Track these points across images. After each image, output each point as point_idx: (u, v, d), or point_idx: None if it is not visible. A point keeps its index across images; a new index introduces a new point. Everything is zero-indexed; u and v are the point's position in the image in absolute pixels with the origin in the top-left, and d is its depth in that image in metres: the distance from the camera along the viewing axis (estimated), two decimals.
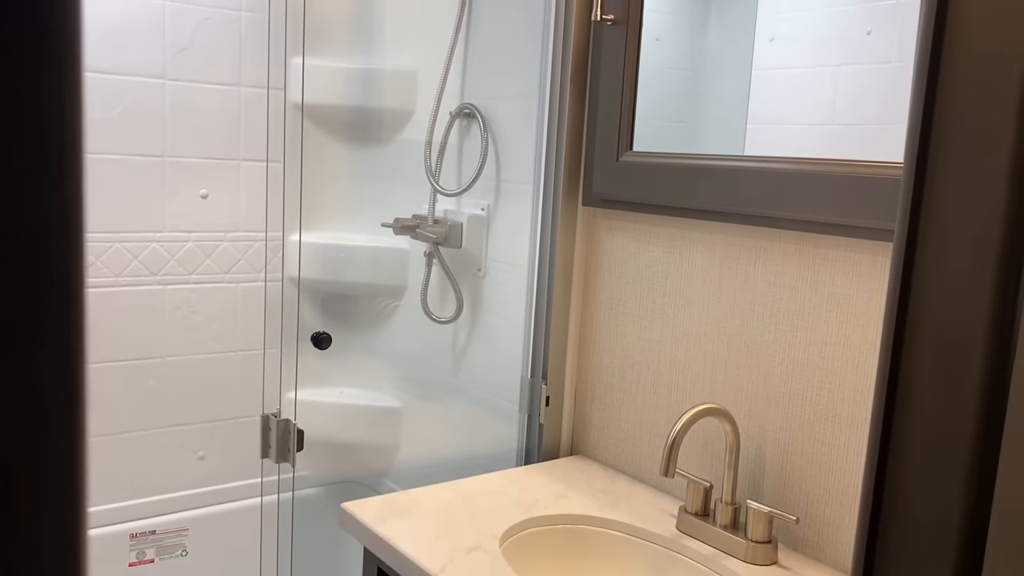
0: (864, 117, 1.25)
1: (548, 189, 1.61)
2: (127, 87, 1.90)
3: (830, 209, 1.15)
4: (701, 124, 1.46)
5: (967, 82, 0.53)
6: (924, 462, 0.52)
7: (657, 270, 1.46)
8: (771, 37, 1.38)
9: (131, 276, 1.97)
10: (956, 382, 0.53)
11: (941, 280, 0.54)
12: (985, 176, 0.51)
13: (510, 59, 1.79)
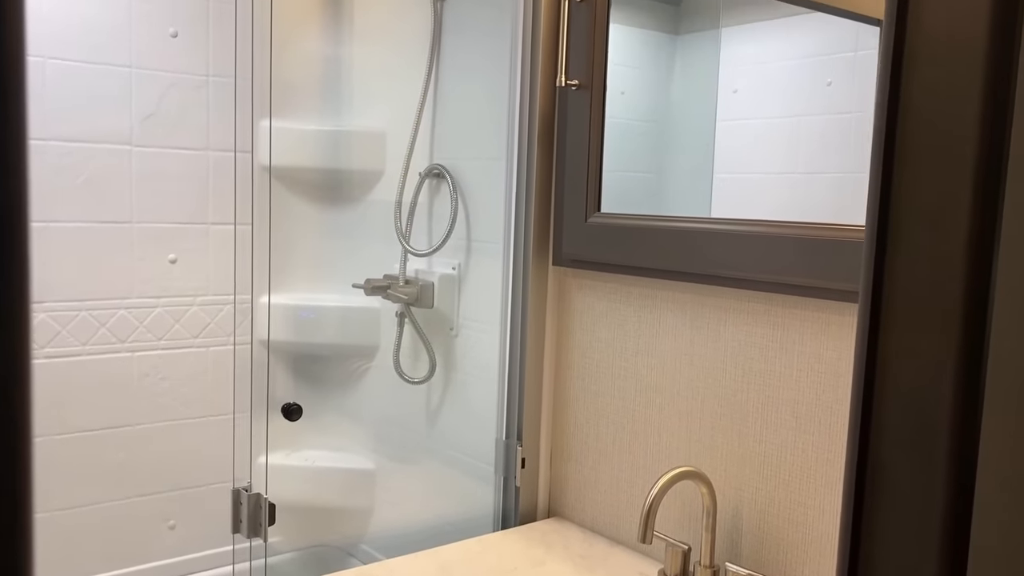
0: (827, 166, 1.27)
1: (518, 249, 1.61)
2: (93, 154, 1.90)
3: (796, 271, 1.16)
4: (668, 175, 1.48)
5: (923, 158, 0.54)
6: (896, 532, 0.52)
7: (629, 329, 1.47)
8: (734, 89, 1.41)
9: (98, 344, 1.94)
10: (925, 453, 0.53)
11: (907, 351, 0.55)
12: (944, 246, 0.52)
13: (478, 121, 1.80)
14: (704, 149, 1.43)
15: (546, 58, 1.54)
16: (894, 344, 0.55)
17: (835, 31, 1.27)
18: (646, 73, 1.52)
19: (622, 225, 1.42)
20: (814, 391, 1.19)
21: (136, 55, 1.93)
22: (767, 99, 1.34)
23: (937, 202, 0.53)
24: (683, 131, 1.47)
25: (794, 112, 1.31)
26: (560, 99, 1.53)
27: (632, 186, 1.50)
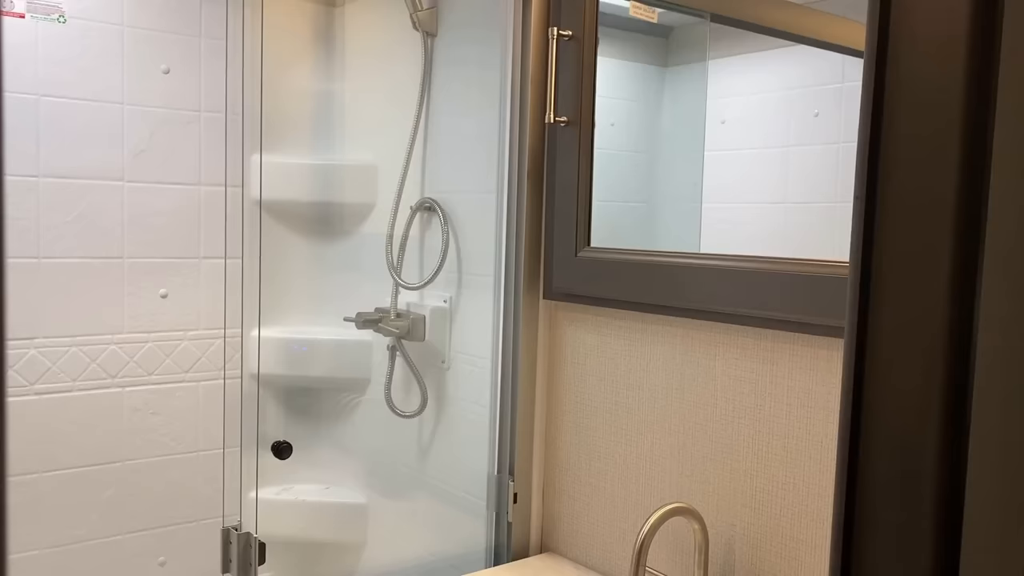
0: (816, 195, 1.29)
1: (509, 282, 1.62)
2: (85, 191, 1.90)
3: (784, 307, 1.17)
4: (658, 204, 1.49)
5: (905, 201, 0.55)
6: (885, 571, 0.53)
7: (620, 363, 1.47)
8: (722, 120, 1.42)
9: (89, 380, 1.93)
10: (912, 493, 0.53)
11: (892, 391, 0.55)
12: (927, 286, 0.53)
13: (469, 155, 1.82)
14: (693, 179, 1.44)
15: (535, 95, 1.55)
16: (879, 384, 0.56)
17: (821, 63, 1.29)
18: (635, 105, 1.53)
19: (612, 260, 1.43)
20: (804, 426, 1.20)
21: (128, 92, 1.94)
22: (755, 130, 1.35)
23: (920, 243, 0.53)
24: (672, 161, 1.48)
25: (782, 143, 1.33)
26: (549, 135, 1.55)
27: (622, 216, 1.51)
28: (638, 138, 1.53)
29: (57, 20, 1.83)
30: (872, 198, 0.58)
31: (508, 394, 1.62)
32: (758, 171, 1.35)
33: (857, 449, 0.56)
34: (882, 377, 0.56)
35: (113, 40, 1.91)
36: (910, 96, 0.55)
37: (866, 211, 0.57)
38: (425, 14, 1.88)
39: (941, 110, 0.53)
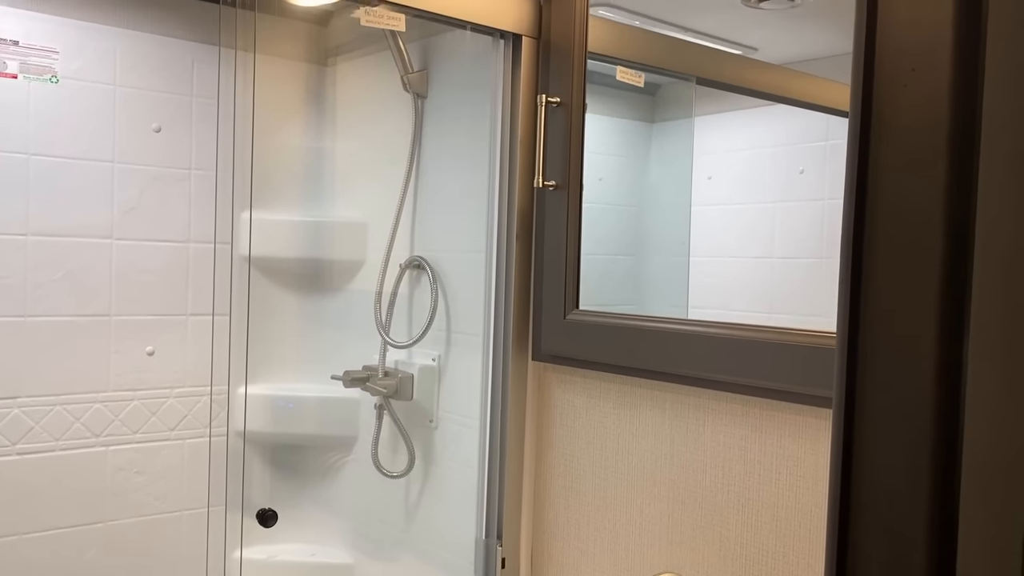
0: (801, 251, 1.30)
1: (498, 342, 1.62)
2: (73, 248, 1.90)
3: (772, 375, 1.18)
4: (646, 257, 1.51)
5: (890, 279, 0.55)
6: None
7: (608, 426, 1.47)
8: (709, 175, 1.44)
9: (72, 439, 1.91)
10: (903, 572, 0.53)
11: (880, 470, 0.56)
12: (912, 364, 0.53)
13: (458, 215, 1.83)
14: (680, 233, 1.46)
15: (524, 158, 1.57)
16: (867, 458, 0.56)
17: (805, 121, 1.31)
18: (623, 160, 1.55)
19: (600, 323, 1.44)
20: (794, 495, 1.19)
21: (119, 150, 1.95)
22: (741, 186, 1.37)
23: (904, 322, 0.54)
24: (660, 215, 1.50)
25: (768, 199, 1.34)
26: (538, 198, 1.56)
27: (611, 269, 1.52)
28: (626, 192, 1.55)
29: (49, 80, 1.85)
30: (857, 285, 0.58)
31: (496, 456, 1.61)
32: (745, 226, 1.36)
33: (847, 522, 0.56)
34: (870, 450, 0.56)
35: (105, 99, 1.93)
36: (892, 174, 0.56)
37: (851, 297, 0.58)
38: (415, 76, 1.90)
39: (925, 189, 0.54)
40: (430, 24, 1.78)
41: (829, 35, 1.30)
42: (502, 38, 1.58)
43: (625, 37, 1.54)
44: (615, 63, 1.51)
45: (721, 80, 1.47)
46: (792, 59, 1.37)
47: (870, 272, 0.58)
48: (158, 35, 2.00)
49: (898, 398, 0.54)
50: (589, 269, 1.52)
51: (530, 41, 1.56)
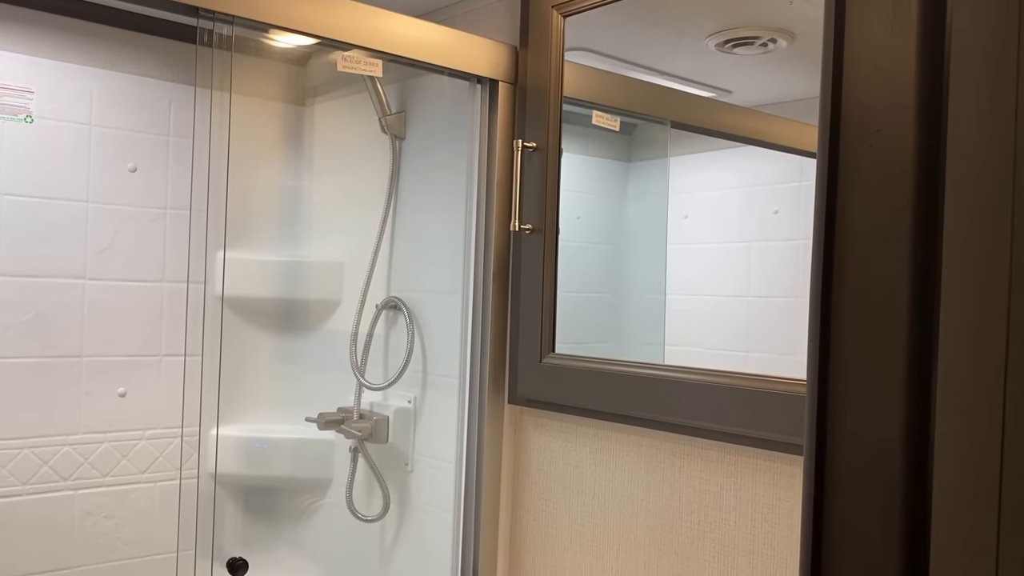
0: (776, 290, 1.30)
1: (474, 385, 1.61)
2: (45, 289, 1.88)
3: (747, 423, 1.18)
4: (623, 295, 1.51)
5: (858, 331, 0.56)
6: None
7: (585, 471, 1.46)
8: (685, 215, 1.45)
9: (40, 483, 1.88)
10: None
11: (851, 519, 0.56)
12: (882, 412, 0.53)
13: (435, 256, 1.83)
14: (657, 271, 1.46)
15: (500, 201, 1.58)
16: (839, 507, 0.56)
17: (779, 162, 1.32)
18: (600, 198, 1.56)
19: (577, 367, 1.43)
20: (769, 542, 1.19)
21: (94, 190, 1.94)
22: (717, 225, 1.38)
23: (873, 375, 0.54)
24: (637, 253, 1.51)
25: (744, 238, 1.35)
26: (515, 241, 1.56)
27: (589, 306, 1.52)
28: (604, 231, 1.55)
29: (24, 120, 1.84)
30: (827, 340, 0.59)
31: (472, 500, 1.59)
32: (721, 265, 1.37)
33: (819, 571, 0.56)
34: (841, 500, 0.56)
35: (80, 139, 1.92)
36: (857, 235, 0.57)
37: (820, 349, 0.58)
38: (393, 118, 1.91)
39: (892, 245, 0.55)
40: (408, 67, 1.79)
41: (802, 78, 1.32)
42: (479, 83, 1.59)
43: (600, 82, 1.56)
44: (591, 107, 1.53)
45: (695, 124, 1.49)
46: (766, 101, 1.39)
47: (838, 326, 0.58)
48: (135, 75, 2.00)
49: (868, 450, 0.54)
50: (567, 307, 1.52)
51: (507, 86, 1.57)
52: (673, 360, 1.41)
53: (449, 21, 1.77)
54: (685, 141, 1.48)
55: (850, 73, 0.59)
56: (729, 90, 1.46)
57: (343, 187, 2.12)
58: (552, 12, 1.47)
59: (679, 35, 1.45)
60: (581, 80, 1.51)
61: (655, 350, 1.44)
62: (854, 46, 0.59)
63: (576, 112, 1.53)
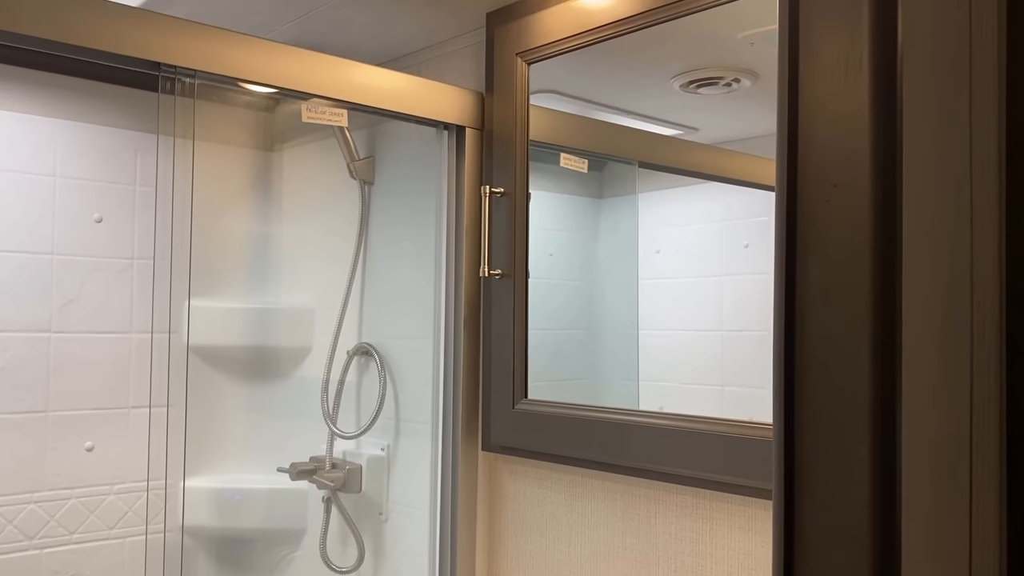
0: (749, 324, 1.30)
1: (448, 431, 1.60)
2: (9, 343, 1.84)
3: (721, 468, 1.17)
4: (596, 330, 1.50)
5: (822, 397, 0.55)
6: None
7: (560, 518, 1.45)
8: (657, 249, 1.45)
9: (4, 543, 1.83)
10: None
11: (820, 565, 0.55)
12: (848, 465, 0.53)
13: (406, 301, 1.82)
14: (630, 306, 1.46)
15: (470, 247, 1.57)
16: (809, 554, 0.56)
17: (747, 197, 1.33)
18: (572, 235, 1.56)
19: (549, 414, 1.42)
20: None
21: (59, 242, 1.91)
22: (688, 260, 1.38)
23: (838, 432, 0.54)
24: (610, 289, 1.50)
25: (715, 272, 1.35)
26: (485, 287, 1.56)
27: (563, 343, 1.52)
28: (576, 267, 1.55)
29: None
30: (791, 396, 0.58)
31: (448, 549, 1.57)
32: (693, 299, 1.37)
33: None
34: (811, 544, 0.56)
35: (45, 191, 1.90)
36: (819, 297, 0.57)
37: (785, 398, 0.58)
38: (361, 164, 1.91)
39: (852, 298, 0.55)
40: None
41: (766, 115, 1.33)
42: (446, 129, 1.59)
43: (567, 126, 1.57)
44: (557, 150, 1.53)
45: (662, 163, 1.50)
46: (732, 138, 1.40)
47: (803, 383, 0.58)
48: (100, 125, 1.98)
49: (836, 505, 0.54)
50: (541, 344, 1.51)
51: (473, 132, 1.58)
52: (648, 395, 1.40)
53: (414, 68, 1.78)
54: (654, 177, 1.48)
55: (805, 129, 0.60)
56: (695, 127, 1.47)
57: (312, 232, 2.11)
58: (516, 59, 1.48)
59: (644, 77, 1.46)
60: (547, 124, 1.52)
61: (630, 386, 1.44)
62: (808, 103, 0.59)
63: (546, 151, 1.53)
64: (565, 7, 1.40)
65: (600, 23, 1.35)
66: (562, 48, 1.42)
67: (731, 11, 1.21)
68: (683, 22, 1.27)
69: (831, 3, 0.57)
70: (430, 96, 1.52)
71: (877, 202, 0.54)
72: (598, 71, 1.44)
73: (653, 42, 1.33)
